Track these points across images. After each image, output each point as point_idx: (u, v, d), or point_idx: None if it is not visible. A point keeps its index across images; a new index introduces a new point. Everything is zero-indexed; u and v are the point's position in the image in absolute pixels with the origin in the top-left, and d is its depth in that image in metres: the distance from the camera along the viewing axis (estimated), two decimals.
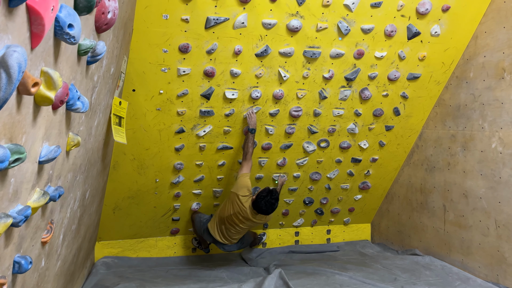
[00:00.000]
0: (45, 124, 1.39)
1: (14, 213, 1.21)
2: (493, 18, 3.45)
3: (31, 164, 1.33)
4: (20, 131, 1.15)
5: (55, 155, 1.45)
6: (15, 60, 0.83)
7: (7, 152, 0.93)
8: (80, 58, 1.66)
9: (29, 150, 1.27)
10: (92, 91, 2.10)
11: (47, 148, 1.43)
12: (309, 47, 3.45)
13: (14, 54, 0.83)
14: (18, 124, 1.13)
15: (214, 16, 3.11)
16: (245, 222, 3.86)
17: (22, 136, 1.17)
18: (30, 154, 1.30)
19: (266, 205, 3.70)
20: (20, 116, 1.12)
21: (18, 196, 1.28)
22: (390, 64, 3.72)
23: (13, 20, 0.93)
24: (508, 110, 3.32)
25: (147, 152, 3.81)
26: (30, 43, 1.07)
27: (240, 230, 3.94)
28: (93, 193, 3.07)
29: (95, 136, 2.51)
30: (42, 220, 1.68)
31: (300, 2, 3.17)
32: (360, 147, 4.34)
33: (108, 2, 1.81)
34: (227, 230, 3.94)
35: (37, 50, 1.14)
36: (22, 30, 1.00)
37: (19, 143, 1.15)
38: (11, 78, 0.84)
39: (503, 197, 3.36)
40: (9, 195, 1.20)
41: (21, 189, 1.30)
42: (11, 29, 0.93)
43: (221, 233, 3.98)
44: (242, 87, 3.60)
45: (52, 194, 1.58)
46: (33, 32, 1.06)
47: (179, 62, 3.31)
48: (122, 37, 2.66)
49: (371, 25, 3.42)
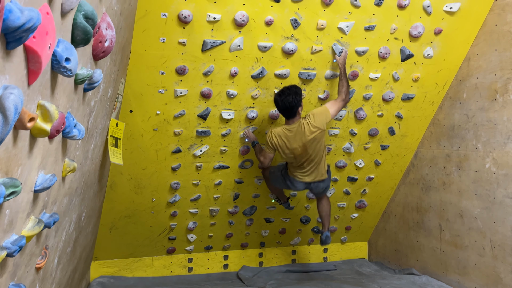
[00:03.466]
0: (41, 153, 1.41)
1: (9, 244, 1.23)
2: (485, 40, 3.52)
3: (26, 194, 1.35)
4: (16, 163, 1.18)
5: (51, 184, 1.47)
6: (11, 102, 0.86)
7: (1, 189, 0.95)
8: (77, 86, 1.70)
9: (24, 180, 1.29)
10: (89, 116, 2.13)
11: (43, 177, 1.45)
12: (304, 69, 3.51)
13: (10, 97, 0.86)
14: (14, 157, 1.15)
15: (210, 39, 3.17)
16: (305, 147, 3.42)
17: (18, 168, 1.20)
18: (26, 184, 1.32)
19: (276, 95, 3.38)
20: (16, 150, 1.15)
21: (13, 226, 1.30)
22: (384, 85, 3.77)
23: (10, 60, 0.97)
24: (501, 131, 3.36)
25: (144, 172, 3.83)
26: (27, 80, 1.10)
27: (316, 158, 3.51)
28: (89, 213, 3.08)
29: (91, 159, 2.54)
30: (37, 247, 1.69)
31: (295, 26, 3.24)
32: (356, 166, 4.37)
33: (105, 31, 1.85)
34: (310, 168, 3.56)
35: (34, 85, 1.17)
36: (20, 69, 1.04)
37: (15, 176, 1.18)
38: (7, 120, 0.87)
39: (498, 217, 3.38)
40: (4, 225, 1.22)
41: (16, 219, 1.32)
42: (9, 69, 0.97)
43: (306, 172, 3.60)
44: (239, 108, 3.64)
45: (47, 221, 1.59)
46: (30, 70, 1.09)
47: (176, 84, 3.36)
48: (119, 60, 2.71)
49: (365, 47, 3.48)
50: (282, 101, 3.34)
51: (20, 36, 0.91)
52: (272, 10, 3.13)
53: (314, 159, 3.53)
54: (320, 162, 3.58)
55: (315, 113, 3.40)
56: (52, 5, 1.17)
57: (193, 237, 4.53)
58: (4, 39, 0.90)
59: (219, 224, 4.52)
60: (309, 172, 3.60)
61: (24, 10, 0.89)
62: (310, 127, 3.37)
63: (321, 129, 3.38)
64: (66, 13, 1.31)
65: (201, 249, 4.71)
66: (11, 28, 0.87)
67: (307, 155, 3.49)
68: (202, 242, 4.64)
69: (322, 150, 3.54)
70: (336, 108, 3.41)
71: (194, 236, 4.53)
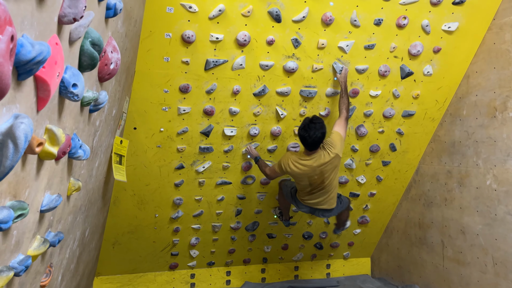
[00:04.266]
0: (47, 175, 1.46)
1: (15, 264, 1.27)
2: (484, 58, 3.57)
3: (33, 215, 1.39)
4: (24, 186, 1.22)
5: (56, 204, 1.51)
6: (22, 132, 0.91)
7: (11, 213, 1.00)
8: (83, 108, 1.76)
9: (31, 201, 1.34)
10: (94, 136, 2.18)
11: (49, 198, 1.50)
12: (305, 87, 3.57)
13: (21, 126, 0.91)
14: (22, 180, 1.20)
15: (213, 58, 3.24)
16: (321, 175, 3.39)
17: (25, 190, 1.24)
18: (33, 205, 1.37)
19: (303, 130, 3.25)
20: (24, 173, 1.20)
21: (20, 246, 1.34)
22: (385, 102, 3.82)
23: (21, 90, 1.02)
24: (501, 148, 3.38)
25: (147, 188, 3.87)
26: (36, 107, 1.16)
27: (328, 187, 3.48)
28: (93, 230, 3.11)
29: (96, 176, 2.58)
30: (42, 265, 1.72)
31: (296, 45, 3.30)
32: (357, 182, 4.39)
33: (111, 54, 1.92)
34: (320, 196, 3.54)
35: (42, 111, 1.22)
36: (29, 97, 1.09)
37: (22, 198, 1.22)
38: (18, 148, 0.92)
39: (499, 234, 3.38)
40: (11, 246, 1.26)
41: (23, 239, 1.36)
42: (19, 98, 1.02)
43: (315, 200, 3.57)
44: (241, 125, 3.69)
45: (52, 240, 1.63)
46: (39, 97, 1.14)
47: (180, 102, 3.42)
48: (124, 80, 2.78)
49: (365, 65, 3.54)
50: (311, 138, 3.21)
51: (31, 68, 0.96)
52: (273, 30, 3.20)
53: (325, 187, 3.48)
54: (331, 191, 3.55)
55: (332, 141, 3.34)
56: (61, 35, 1.23)
57: (196, 252, 4.54)
58: (16, 71, 0.95)
59: (222, 239, 4.53)
60: (317, 200, 3.58)
61: (35, 44, 0.95)
62: (330, 155, 3.31)
63: (340, 156, 3.37)
64: (74, 41, 1.37)
65: (203, 265, 4.72)
66: (22, 61, 0.92)
67: (323, 184, 3.45)
68: (205, 257, 4.65)
69: (336, 178, 3.53)
70: (345, 129, 3.43)
71: (197, 251, 4.55)
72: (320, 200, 3.56)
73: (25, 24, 0.95)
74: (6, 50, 0.78)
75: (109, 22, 1.86)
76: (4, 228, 0.98)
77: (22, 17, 0.93)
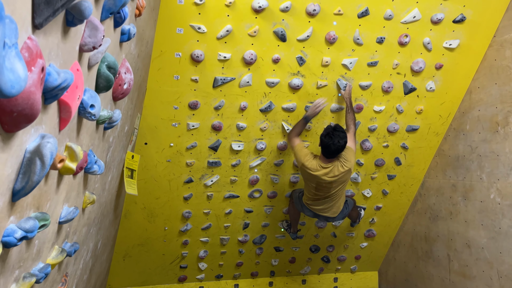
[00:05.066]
0: (66, 188, 1.57)
1: (36, 271, 1.37)
2: (485, 74, 3.65)
3: (52, 226, 1.50)
4: (46, 199, 1.33)
5: (74, 216, 1.62)
6: (48, 150, 1.02)
7: (36, 223, 1.10)
8: (99, 126, 1.88)
9: (51, 213, 1.45)
10: (108, 151, 2.30)
11: (67, 210, 1.61)
12: (311, 103, 3.67)
13: (47, 145, 1.03)
14: (45, 193, 1.31)
15: (221, 76, 3.37)
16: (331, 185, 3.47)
17: (47, 203, 1.35)
18: (52, 216, 1.48)
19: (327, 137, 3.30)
20: (46, 187, 1.31)
21: (40, 255, 1.45)
22: (389, 117, 3.90)
23: (47, 113, 1.14)
24: (504, 162, 3.44)
25: (157, 201, 3.98)
26: (59, 127, 1.27)
27: (334, 196, 3.58)
28: (105, 242, 3.22)
29: (108, 190, 2.70)
30: (58, 274, 1.83)
31: (301, 63, 3.42)
32: (363, 195, 4.45)
33: (124, 75, 2.05)
34: (325, 203, 3.63)
35: (63, 131, 1.34)
36: (53, 118, 1.21)
37: (44, 210, 1.33)
38: (44, 165, 1.03)
39: (504, 247, 3.41)
40: (33, 254, 1.36)
41: (43, 248, 1.46)
42: (45, 120, 1.13)
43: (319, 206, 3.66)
44: (248, 140, 3.79)
45: (69, 250, 1.74)
46: (62, 118, 1.26)
47: (189, 118, 3.55)
48: (136, 98, 2.91)
49: (369, 82, 3.64)
50: (334, 145, 3.28)
51: (57, 93, 1.08)
52: (279, 49, 3.33)
53: (331, 196, 3.57)
54: (336, 201, 3.64)
55: (347, 155, 3.42)
56: (81, 61, 1.35)
57: (204, 265, 4.62)
58: (43, 96, 1.07)
59: (230, 252, 4.61)
60: (321, 207, 3.68)
61: (60, 72, 1.07)
62: (344, 168, 3.40)
63: (351, 170, 3.47)
64: (92, 66, 1.49)
65: (212, 278, 4.78)
66: (49, 88, 1.04)
67: (329, 192, 3.53)
68: (213, 270, 4.72)
69: (343, 190, 3.63)
70: (355, 143, 3.53)
71: (205, 264, 4.62)
72: (323, 207, 3.68)
73: (52, 54, 1.07)
74: (38, 80, 0.90)
75: (123, 46, 2.00)
76: (30, 237, 1.09)
77: (50, 48, 1.05)
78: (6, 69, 0.72)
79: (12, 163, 0.98)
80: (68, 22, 1.12)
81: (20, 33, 0.85)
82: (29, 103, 0.88)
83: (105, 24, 1.55)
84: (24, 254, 1.27)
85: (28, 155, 1.02)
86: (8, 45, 0.74)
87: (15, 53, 0.76)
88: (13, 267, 1.19)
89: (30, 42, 0.89)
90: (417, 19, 3.35)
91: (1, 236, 1.01)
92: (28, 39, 0.89)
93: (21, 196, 1.04)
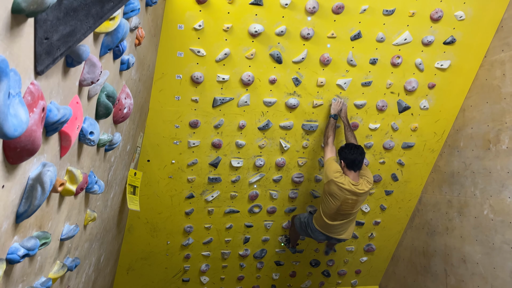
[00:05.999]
0: (67, 208, 1.71)
1: (38, 285, 1.51)
2: (478, 93, 3.75)
3: (54, 242, 1.64)
4: (47, 219, 1.47)
5: (74, 233, 1.76)
6: (48, 178, 1.16)
7: (37, 242, 1.24)
8: (99, 149, 2.02)
9: (53, 231, 1.59)
10: (109, 171, 2.45)
11: (68, 228, 1.74)
12: (307, 121, 3.80)
13: (47, 173, 1.17)
14: (47, 214, 1.45)
15: (220, 96, 3.52)
16: (356, 202, 3.53)
17: (49, 222, 1.49)
18: (54, 234, 1.61)
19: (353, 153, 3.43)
20: (48, 208, 1.45)
21: (42, 270, 1.58)
22: (384, 135, 4.01)
23: (48, 143, 1.28)
24: (496, 179, 3.51)
25: (160, 216, 4.11)
26: (60, 154, 1.42)
27: (353, 215, 3.67)
28: (108, 256, 3.35)
29: (110, 207, 2.84)
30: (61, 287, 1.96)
31: (297, 83, 3.56)
32: (362, 210, 4.53)
33: (124, 100, 2.20)
34: (343, 223, 3.67)
35: (64, 157, 1.48)
36: (54, 147, 1.35)
37: (46, 229, 1.47)
38: (44, 190, 1.17)
39: (497, 263, 3.47)
40: (36, 270, 1.50)
41: (45, 264, 1.60)
42: (46, 149, 1.28)
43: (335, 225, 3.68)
44: (247, 156, 3.93)
45: (70, 265, 1.87)
46: (62, 146, 1.41)
47: (190, 136, 3.69)
48: (138, 118, 3.07)
49: (363, 101, 3.76)
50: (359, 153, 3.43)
51: (57, 127, 1.22)
52: (275, 70, 3.47)
53: (351, 215, 3.64)
54: (353, 221, 3.74)
55: (366, 173, 3.58)
56: (81, 94, 1.50)
57: (206, 279, 4.72)
58: (45, 129, 1.21)
59: (231, 266, 4.70)
60: (339, 228, 3.70)
61: (60, 108, 1.21)
62: (368, 186, 3.51)
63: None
64: (92, 97, 1.64)
65: None
66: (50, 123, 1.18)
67: (351, 211, 3.59)
68: (215, 284, 4.81)
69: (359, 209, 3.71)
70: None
71: (207, 278, 4.72)
72: (341, 229, 3.70)
73: (53, 93, 1.22)
74: (39, 119, 1.04)
75: (123, 73, 2.15)
76: (31, 254, 1.22)
77: (51, 88, 1.20)
78: (10, 115, 0.86)
79: (16, 189, 1.12)
80: (68, 64, 1.27)
81: (24, 80, 1.00)
82: (30, 140, 1.02)
83: (105, 58, 1.70)
84: (27, 269, 1.41)
85: (31, 182, 1.16)
86: (12, 94, 0.89)
87: (19, 101, 0.91)
88: (16, 281, 1.32)
89: (32, 86, 1.03)
90: (408, 41, 3.48)
91: (6, 254, 1.15)
92: (31, 84, 1.03)
93: (24, 218, 1.18)
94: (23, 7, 0.87)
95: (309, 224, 3.88)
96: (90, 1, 1.09)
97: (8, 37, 0.89)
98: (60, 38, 1.06)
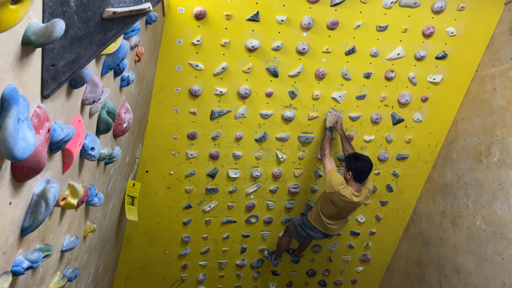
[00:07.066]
0: (68, 220, 1.77)
1: None
2: (469, 107, 3.84)
3: (55, 254, 1.70)
4: (50, 232, 1.54)
5: (75, 245, 1.82)
6: (52, 194, 1.23)
7: (40, 255, 1.30)
8: (99, 162, 2.09)
9: (55, 243, 1.65)
10: (109, 182, 2.52)
11: (68, 239, 1.81)
12: (303, 133, 3.88)
13: (51, 190, 1.24)
14: (49, 227, 1.51)
15: (218, 109, 3.60)
16: (354, 208, 3.76)
17: (51, 235, 1.56)
18: (55, 246, 1.68)
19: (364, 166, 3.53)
20: (50, 221, 1.52)
21: (44, 281, 1.64)
22: (379, 146, 4.09)
23: (51, 160, 1.35)
24: (487, 191, 3.59)
25: (158, 226, 4.17)
26: (62, 170, 1.49)
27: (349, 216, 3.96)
28: (106, 266, 3.40)
29: (109, 217, 2.90)
30: None
31: (293, 96, 3.65)
32: (357, 221, 4.59)
33: (124, 115, 2.27)
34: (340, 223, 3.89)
35: (66, 172, 1.55)
36: (57, 164, 1.42)
37: (48, 241, 1.53)
38: (48, 206, 1.23)
39: (489, 273, 3.53)
40: (37, 281, 1.56)
41: (46, 275, 1.66)
42: (50, 166, 1.35)
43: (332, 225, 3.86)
44: (244, 167, 3.99)
45: (70, 275, 1.93)
46: (65, 162, 1.48)
47: (188, 147, 3.76)
48: (137, 130, 3.14)
49: (358, 113, 3.85)
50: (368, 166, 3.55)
51: (60, 145, 1.29)
52: (271, 83, 3.56)
53: (346, 217, 3.90)
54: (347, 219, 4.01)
55: (369, 183, 3.72)
56: (83, 112, 1.57)
57: None
58: (49, 148, 1.28)
59: (228, 276, 4.75)
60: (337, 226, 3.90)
61: (64, 128, 1.29)
62: (369, 195, 3.71)
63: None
64: (93, 114, 1.72)
65: None
66: (54, 142, 1.25)
67: (348, 215, 3.87)
68: None
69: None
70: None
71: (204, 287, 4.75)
72: (339, 227, 3.93)
73: (57, 114, 1.30)
74: (45, 140, 1.12)
75: (123, 89, 2.23)
76: (35, 266, 1.29)
77: (55, 110, 1.27)
78: (19, 139, 0.94)
79: (22, 205, 1.19)
80: (72, 86, 1.35)
81: (31, 104, 1.08)
82: (37, 160, 1.09)
83: (106, 77, 1.78)
84: (30, 281, 1.47)
85: (35, 198, 1.23)
86: (21, 119, 0.96)
87: (27, 125, 0.98)
88: None
89: (39, 110, 1.11)
90: (401, 56, 3.57)
91: (11, 266, 1.22)
92: (38, 108, 1.11)
93: (28, 232, 1.25)
94: (32, 40, 0.95)
95: (306, 224, 3.96)
96: (93, 30, 1.17)
97: (18, 67, 0.97)
98: (65, 64, 1.14)
